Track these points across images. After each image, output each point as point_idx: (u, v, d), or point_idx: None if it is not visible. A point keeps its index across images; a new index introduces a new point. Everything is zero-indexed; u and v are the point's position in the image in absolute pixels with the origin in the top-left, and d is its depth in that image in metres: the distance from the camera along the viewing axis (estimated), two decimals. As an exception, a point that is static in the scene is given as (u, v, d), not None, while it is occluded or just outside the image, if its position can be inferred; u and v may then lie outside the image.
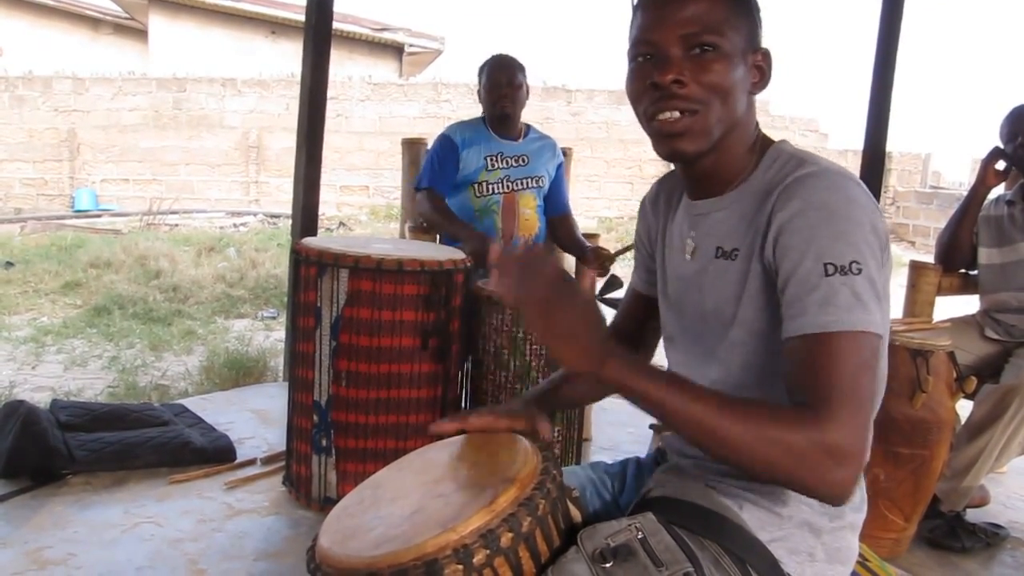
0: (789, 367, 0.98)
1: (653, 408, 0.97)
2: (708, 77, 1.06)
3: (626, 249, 3.02)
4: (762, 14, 1.15)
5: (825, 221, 0.98)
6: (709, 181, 1.16)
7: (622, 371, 0.96)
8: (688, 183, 1.21)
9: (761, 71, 1.13)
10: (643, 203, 1.38)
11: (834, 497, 0.94)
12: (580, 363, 0.97)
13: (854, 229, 0.98)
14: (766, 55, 1.13)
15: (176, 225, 10.73)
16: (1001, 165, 2.81)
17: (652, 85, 1.07)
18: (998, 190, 2.91)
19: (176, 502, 2.44)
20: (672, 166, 1.23)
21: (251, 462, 2.76)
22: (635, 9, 1.12)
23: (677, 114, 1.07)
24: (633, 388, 0.96)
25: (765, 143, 1.15)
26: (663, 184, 1.34)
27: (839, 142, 12.87)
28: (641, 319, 1.41)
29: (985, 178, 2.83)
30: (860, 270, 0.96)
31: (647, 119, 1.10)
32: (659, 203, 1.32)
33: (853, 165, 2.20)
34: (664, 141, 1.10)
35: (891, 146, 4.16)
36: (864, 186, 1.04)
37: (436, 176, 3.17)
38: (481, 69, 3.25)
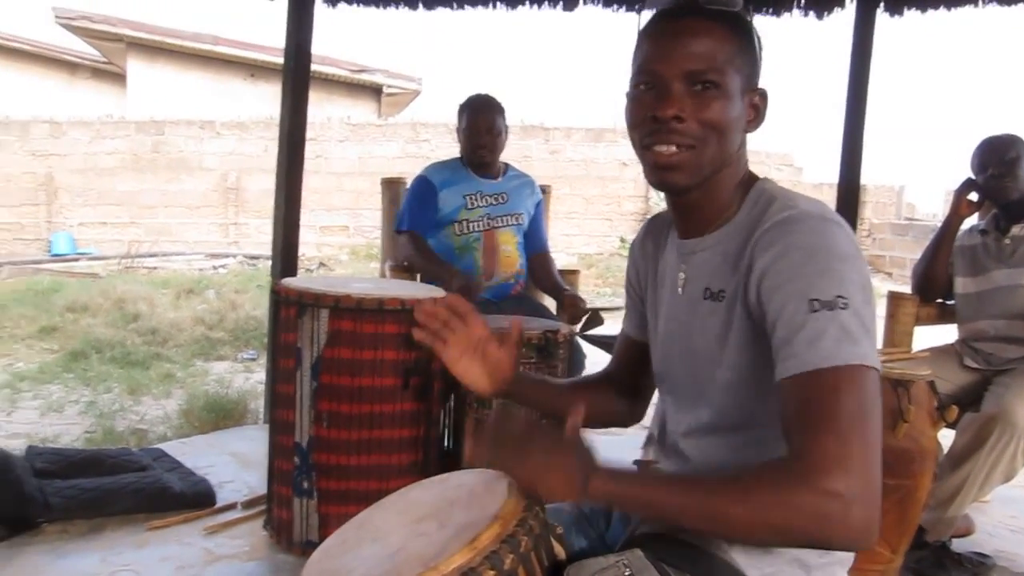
0: (784, 410, 0.96)
1: (649, 513, 0.97)
2: (707, 114, 1.06)
3: (602, 310, 3.03)
4: (763, 53, 1.16)
5: (807, 260, 0.98)
6: (696, 217, 1.16)
7: (608, 487, 0.96)
8: (677, 219, 1.21)
9: (756, 110, 1.14)
10: (632, 247, 1.38)
11: (862, 541, 0.91)
12: (564, 493, 0.97)
13: (837, 266, 0.98)
14: (763, 95, 1.14)
15: (155, 268, 10.66)
16: (974, 196, 2.85)
17: (652, 118, 1.08)
18: (971, 220, 2.95)
19: (154, 549, 2.39)
20: (657, 206, 1.25)
21: (231, 506, 2.72)
22: (642, 36, 1.12)
23: (674, 148, 1.07)
24: (623, 501, 0.97)
25: (750, 181, 1.16)
26: (650, 227, 1.34)
27: (814, 176, 13.03)
28: (635, 366, 1.39)
29: (958, 209, 2.86)
30: (846, 305, 0.95)
31: (643, 148, 1.11)
32: (647, 245, 1.32)
33: (828, 198, 2.22)
34: (657, 172, 1.10)
35: (865, 179, 4.22)
36: (844, 225, 1.03)
37: (416, 218, 3.19)
38: (461, 110, 3.25)
